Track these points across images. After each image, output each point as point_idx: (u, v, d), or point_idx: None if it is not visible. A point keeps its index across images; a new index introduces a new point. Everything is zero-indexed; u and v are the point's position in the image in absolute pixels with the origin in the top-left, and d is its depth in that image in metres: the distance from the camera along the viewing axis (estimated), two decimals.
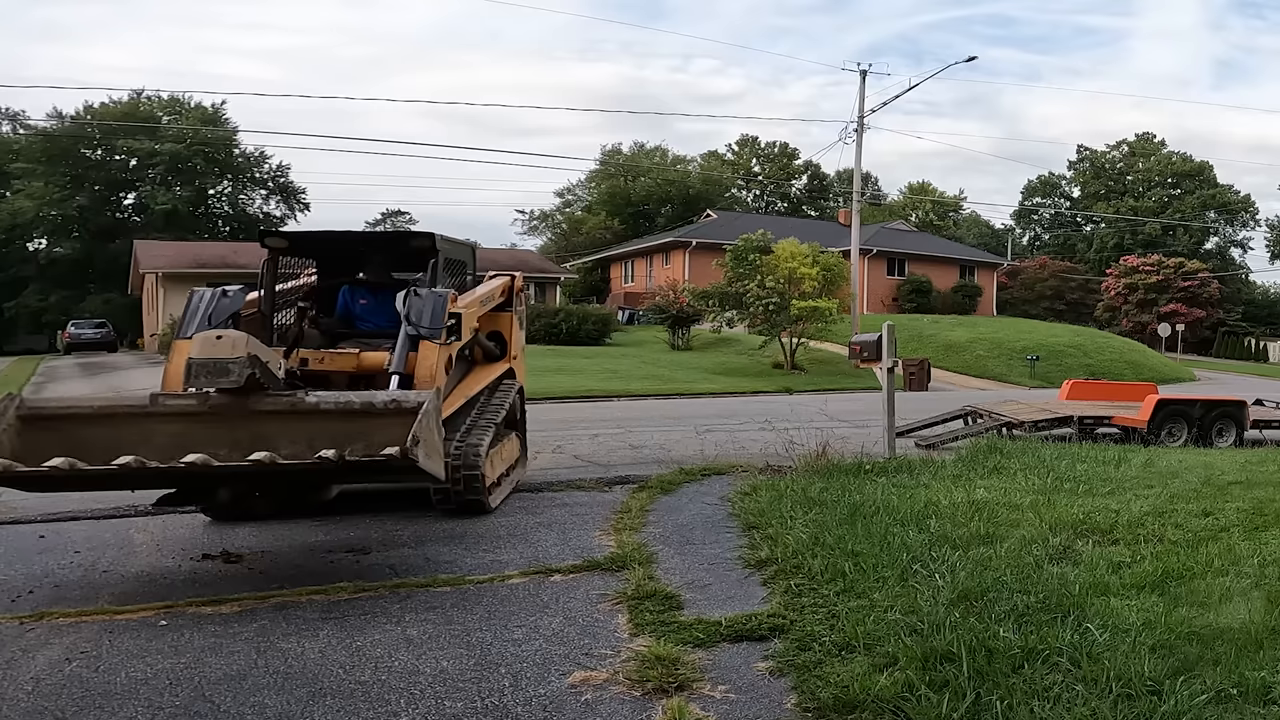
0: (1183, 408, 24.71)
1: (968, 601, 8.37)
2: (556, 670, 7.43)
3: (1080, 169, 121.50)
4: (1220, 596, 8.80)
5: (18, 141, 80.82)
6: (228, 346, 9.68)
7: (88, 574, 10.12)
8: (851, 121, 54.39)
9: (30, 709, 6.62)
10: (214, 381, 9.67)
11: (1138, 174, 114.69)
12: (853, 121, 54.32)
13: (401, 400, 10.07)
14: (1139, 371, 53.04)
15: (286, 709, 6.66)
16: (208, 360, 9.62)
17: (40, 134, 79.24)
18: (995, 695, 6.41)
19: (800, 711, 6.63)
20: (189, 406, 9.94)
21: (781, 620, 8.35)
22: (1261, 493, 14.26)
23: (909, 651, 7.16)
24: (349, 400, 10.27)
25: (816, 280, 48.62)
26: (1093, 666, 6.89)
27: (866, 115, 54.32)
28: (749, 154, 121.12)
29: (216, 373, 9.63)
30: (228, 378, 9.61)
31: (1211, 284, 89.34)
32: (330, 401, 10.20)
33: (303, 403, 10.14)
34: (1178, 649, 7.32)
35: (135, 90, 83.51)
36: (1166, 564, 9.74)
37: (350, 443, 9.54)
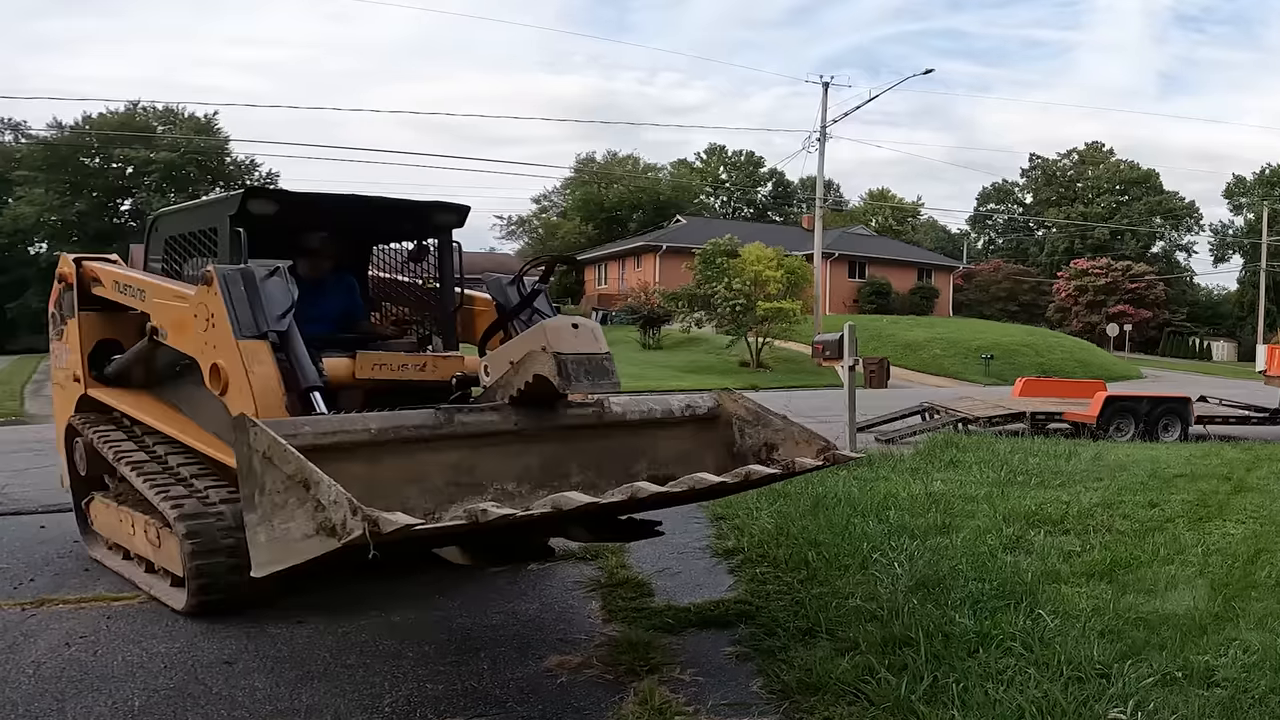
0: (1130, 404, 24.85)
1: (925, 589, 8.41)
2: (533, 654, 7.43)
3: (1032, 176, 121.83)
4: (1166, 584, 8.87)
5: (19, 150, 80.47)
6: (590, 339, 7.55)
7: (86, 563, 10.02)
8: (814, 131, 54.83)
9: (31, 691, 6.61)
10: (595, 385, 7.48)
11: (1087, 181, 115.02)
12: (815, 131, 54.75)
13: (695, 407, 8.51)
14: (1088, 370, 53.33)
15: (275, 691, 6.66)
16: (583, 357, 7.38)
17: (41, 143, 79.01)
18: (951, 678, 6.42)
19: (765, 694, 6.64)
20: (491, 425, 7.46)
21: (748, 607, 8.38)
22: (1205, 485, 14.36)
23: (869, 636, 7.20)
24: (650, 409, 8.37)
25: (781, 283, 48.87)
26: (1044, 651, 6.92)
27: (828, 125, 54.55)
28: (716, 162, 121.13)
29: (596, 373, 7.43)
30: (608, 379, 7.53)
31: (1158, 286, 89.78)
32: (635, 411, 8.20)
33: (609, 413, 7.99)
34: (1125, 634, 7.37)
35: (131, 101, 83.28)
36: (1115, 553, 9.80)
37: (639, 458, 8.17)
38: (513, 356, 7.65)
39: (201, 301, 7.70)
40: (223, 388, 7.46)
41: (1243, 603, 8.34)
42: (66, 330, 10.19)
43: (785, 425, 8.18)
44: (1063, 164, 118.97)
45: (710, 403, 8.61)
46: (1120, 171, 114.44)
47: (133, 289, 9.17)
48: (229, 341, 7.42)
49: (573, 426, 7.83)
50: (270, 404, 7.14)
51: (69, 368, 10.19)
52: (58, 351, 10.57)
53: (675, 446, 8.40)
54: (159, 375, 9.67)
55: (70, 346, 10.12)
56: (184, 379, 9.07)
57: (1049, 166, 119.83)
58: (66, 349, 10.25)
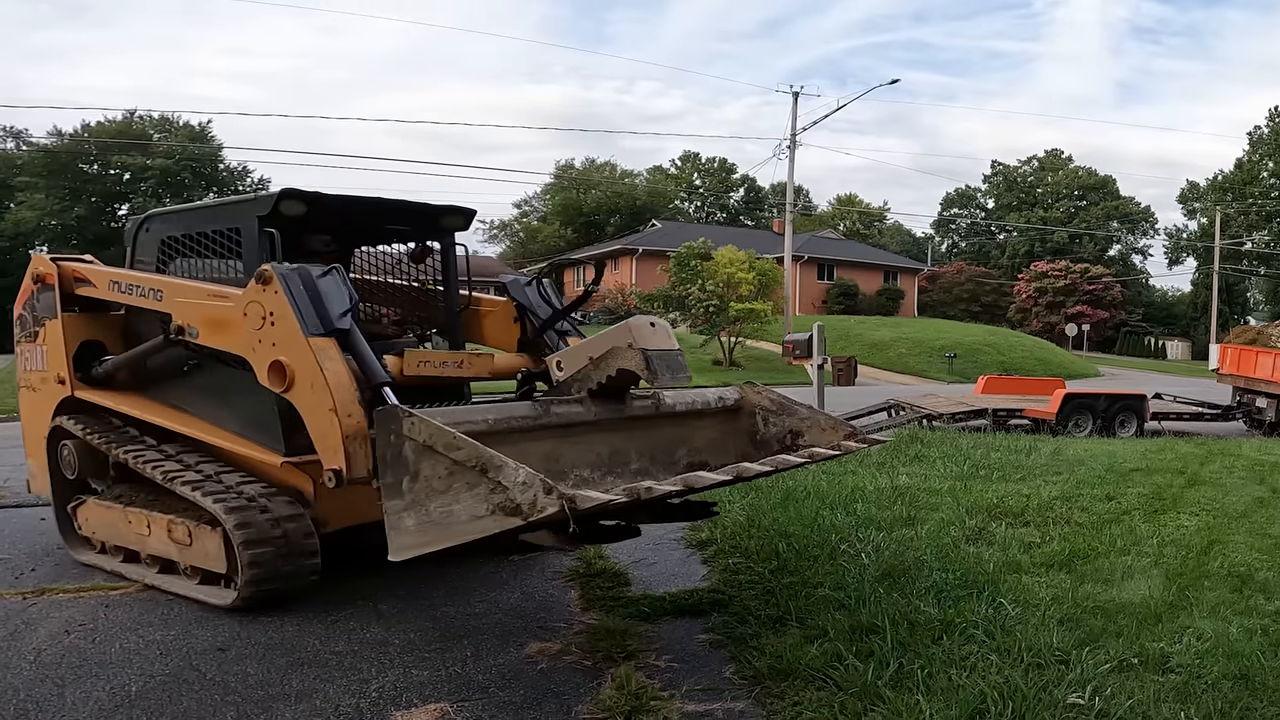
0: (1088, 401, 24.98)
1: (891, 579, 8.41)
2: (514, 641, 7.47)
3: (994, 182, 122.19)
4: (1122, 574, 8.90)
5: (21, 157, 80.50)
6: (666, 336, 7.76)
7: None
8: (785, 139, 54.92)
9: (32, 677, 6.69)
10: (675, 378, 7.65)
11: (1047, 187, 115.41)
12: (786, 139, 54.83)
13: (725, 399, 8.75)
14: (1048, 368, 53.53)
15: (267, 676, 6.71)
16: (664, 353, 7.61)
17: (41, 150, 79.26)
18: (916, 664, 6.44)
19: (738, 680, 6.65)
20: (577, 416, 7.63)
21: (720, 596, 8.39)
22: (1160, 479, 14.41)
23: (837, 624, 7.20)
24: (693, 401, 8.52)
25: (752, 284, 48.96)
26: (1006, 638, 6.94)
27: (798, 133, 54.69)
28: (690, 169, 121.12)
29: (675, 367, 7.64)
30: (684, 372, 7.75)
31: (1115, 288, 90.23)
32: (682, 403, 8.40)
33: (663, 405, 8.23)
34: (1083, 622, 7.40)
35: (128, 110, 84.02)
36: (1073, 544, 9.83)
37: (681, 446, 8.39)
38: (592, 353, 7.77)
39: (255, 300, 7.47)
40: (287, 385, 7.29)
41: (1196, 592, 8.38)
42: (44, 332, 9.71)
43: (811, 414, 8.44)
44: (1023, 170, 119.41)
45: (735, 395, 8.81)
46: (1078, 177, 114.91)
47: (141, 289, 8.76)
48: (297, 340, 7.27)
49: (635, 417, 7.99)
50: (346, 399, 7.07)
51: (49, 369, 9.70)
52: (28, 354, 10.06)
53: (707, 435, 8.61)
54: (155, 375, 9.36)
55: (49, 348, 9.67)
56: (191, 378, 8.90)
57: (1010, 173, 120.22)
58: (43, 350, 9.78)
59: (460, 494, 5.78)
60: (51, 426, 9.66)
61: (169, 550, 8.55)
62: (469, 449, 5.76)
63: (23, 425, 10.46)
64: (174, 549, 8.49)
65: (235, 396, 8.42)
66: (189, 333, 8.08)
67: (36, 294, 9.80)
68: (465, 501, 5.75)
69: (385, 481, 6.11)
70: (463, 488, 5.78)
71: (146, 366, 9.33)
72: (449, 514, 5.84)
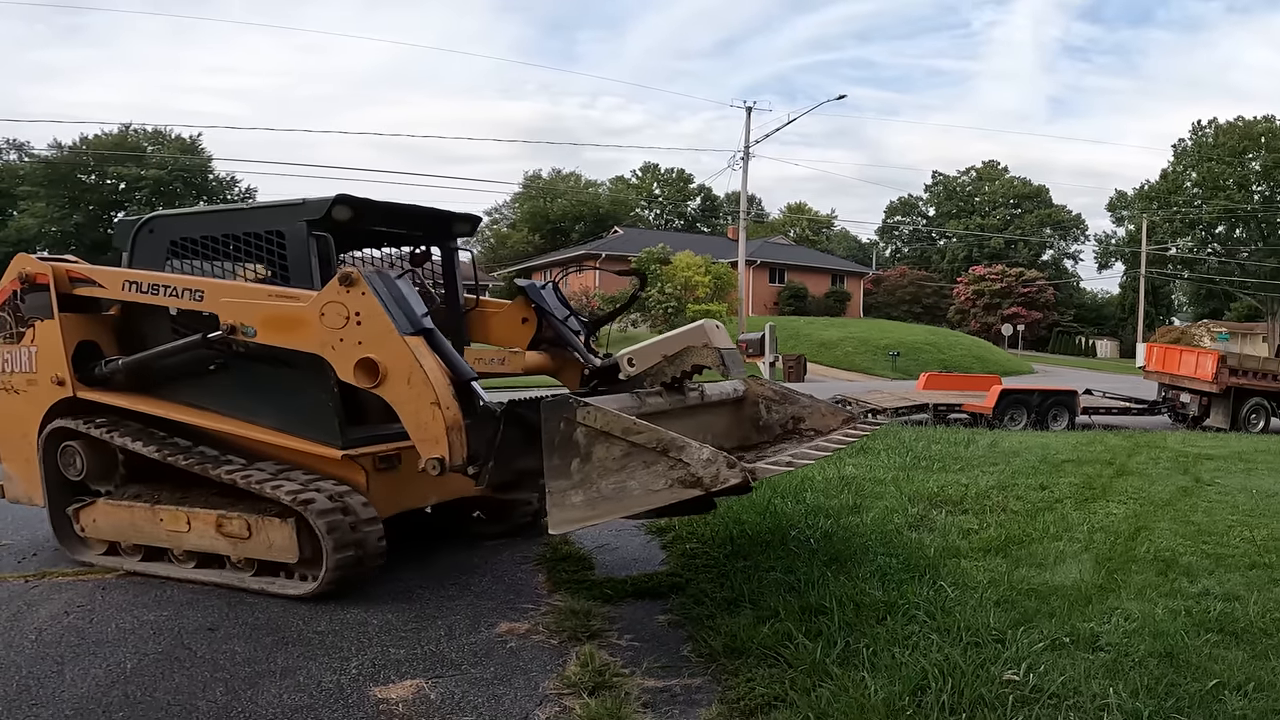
0: (1023, 397, 25.12)
1: (838, 563, 8.44)
2: (485, 622, 7.51)
3: (935, 191, 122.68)
4: (1055, 559, 8.95)
5: (23, 168, 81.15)
6: (725, 336, 8.25)
7: None
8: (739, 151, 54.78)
9: (34, 655, 6.75)
10: (738, 372, 8.38)
11: (984, 195, 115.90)
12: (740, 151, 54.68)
13: (737, 390, 9.08)
14: (985, 365, 53.68)
15: (254, 654, 6.75)
16: (729, 351, 8.15)
17: (42, 162, 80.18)
18: (862, 643, 6.46)
19: (695, 657, 6.69)
20: (661, 406, 8.00)
21: (678, 579, 8.41)
22: (1090, 469, 14.51)
23: (788, 606, 7.23)
24: (719, 392, 8.81)
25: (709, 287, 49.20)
26: (946, 618, 6.98)
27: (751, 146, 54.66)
28: (650, 179, 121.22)
29: (736, 363, 8.29)
30: (740, 368, 8.44)
31: (1048, 290, 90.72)
32: (714, 395, 8.72)
33: (706, 396, 8.62)
34: (1018, 604, 7.44)
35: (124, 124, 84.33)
36: (1009, 531, 9.88)
37: (707, 431, 8.54)
38: (666, 351, 8.05)
39: (336, 301, 7.46)
40: (378, 381, 7.36)
41: (1124, 575, 8.44)
42: (35, 332, 9.02)
43: (812, 402, 8.84)
44: (962, 180, 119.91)
45: (743, 387, 9.03)
46: (1014, 187, 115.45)
47: (171, 289, 8.32)
48: (390, 339, 7.35)
49: (689, 406, 8.34)
50: (445, 393, 7.23)
51: (39, 370, 9.04)
52: (7, 355, 9.28)
53: (724, 421, 8.94)
54: (169, 374, 8.84)
55: (41, 348, 9.00)
56: (216, 376, 8.59)
57: (949, 183, 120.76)
58: (30, 351, 9.09)
59: (636, 471, 6.34)
60: (50, 428, 9.04)
61: (217, 545, 8.32)
62: (649, 433, 6.35)
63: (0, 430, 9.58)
64: (224, 543, 8.28)
65: (277, 394, 8.31)
66: (244, 331, 7.87)
67: (20, 294, 9.14)
68: (640, 477, 6.32)
69: (551, 464, 6.52)
70: (638, 466, 6.34)
71: (158, 366, 8.89)
72: (622, 489, 6.37)
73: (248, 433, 8.40)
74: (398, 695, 6.12)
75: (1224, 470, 15.21)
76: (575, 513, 6.47)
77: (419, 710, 5.92)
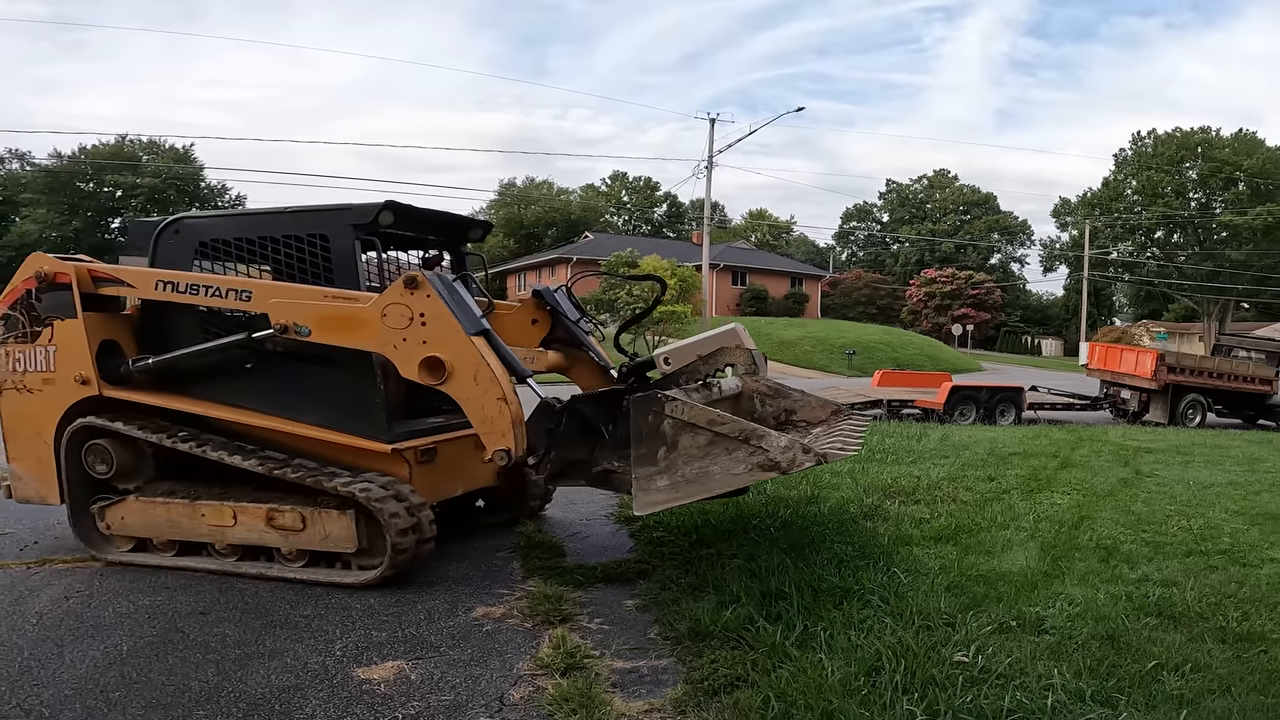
0: (972, 393, 25.24)
1: (797, 550, 8.44)
2: (463, 606, 7.55)
3: (888, 198, 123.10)
4: (1002, 546, 8.99)
5: (25, 177, 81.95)
6: (751, 338, 8.80)
7: None
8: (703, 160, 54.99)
9: (35, 637, 6.80)
10: (764, 370, 9.01)
11: (935, 203, 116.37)
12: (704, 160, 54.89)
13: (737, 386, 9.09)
14: (936, 363, 53.95)
15: (244, 637, 6.81)
16: (757, 352, 8.79)
17: (43, 171, 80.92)
18: (820, 626, 6.49)
19: (661, 640, 6.75)
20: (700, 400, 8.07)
21: (646, 566, 8.48)
22: (1036, 462, 14.59)
23: (750, 591, 7.24)
24: (728, 387, 8.87)
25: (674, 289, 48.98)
26: (899, 603, 7.00)
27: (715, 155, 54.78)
28: (619, 186, 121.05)
29: (762, 363, 8.96)
30: (765, 368, 9.09)
31: (995, 292, 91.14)
32: (728, 390, 8.83)
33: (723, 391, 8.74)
34: (968, 589, 7.47)
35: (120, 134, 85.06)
36: (959, 520, 9.93)
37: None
38: (701, 352, 8.48)
39: (399, 303, 7.54)
40: (444, 378, 7.48)
41: (1068, 562, 8.49)
42: (52, 332, 8.63)
43: (803, 396, 9.03)
44: (914, 188, 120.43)
45: (739, 383, 9.04)
46: (963, 194, 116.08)
47: (214, 289, 8.15)
48: (457, 338, 7.49)
49: (714, 400, 8.33)
50: (509, 389, 7.45)
51: (59, 369, 8.65)
52: (20, 354, 8.83)
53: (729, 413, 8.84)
54: (199, 373, 8.63)
55: (62, 348, 8.62)
56: (253, 375, 8.46)
57: (903, 190, 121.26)
58: (49, 350, 8.69)
59: (718, 458, 6.87)
60: (75, 426, 8.67)
61: (266, 538, 8.23)
62: (733, 424, 6.90)
63: (7, 429, 9.12)
64: (275, 536, 8.19)
65: (322, 391, 8.25)
66: (297, 331, 7.81)
67: (36, 293, 8.72)
68: (722, 463, 6.85)
69: (639, 452, 6.96)
70: (721, 453, 6.87)
71: (191, 364, 8.62)
72: (705, 473, 6.87)
73: (290, 429, 8.31)
74: (380, 676, 6.15)
75: (1162, 463, 15.33)
76: (660, 495, 6.87)
77: (400, 690, 5.94)
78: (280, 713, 5.61)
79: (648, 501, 6.91)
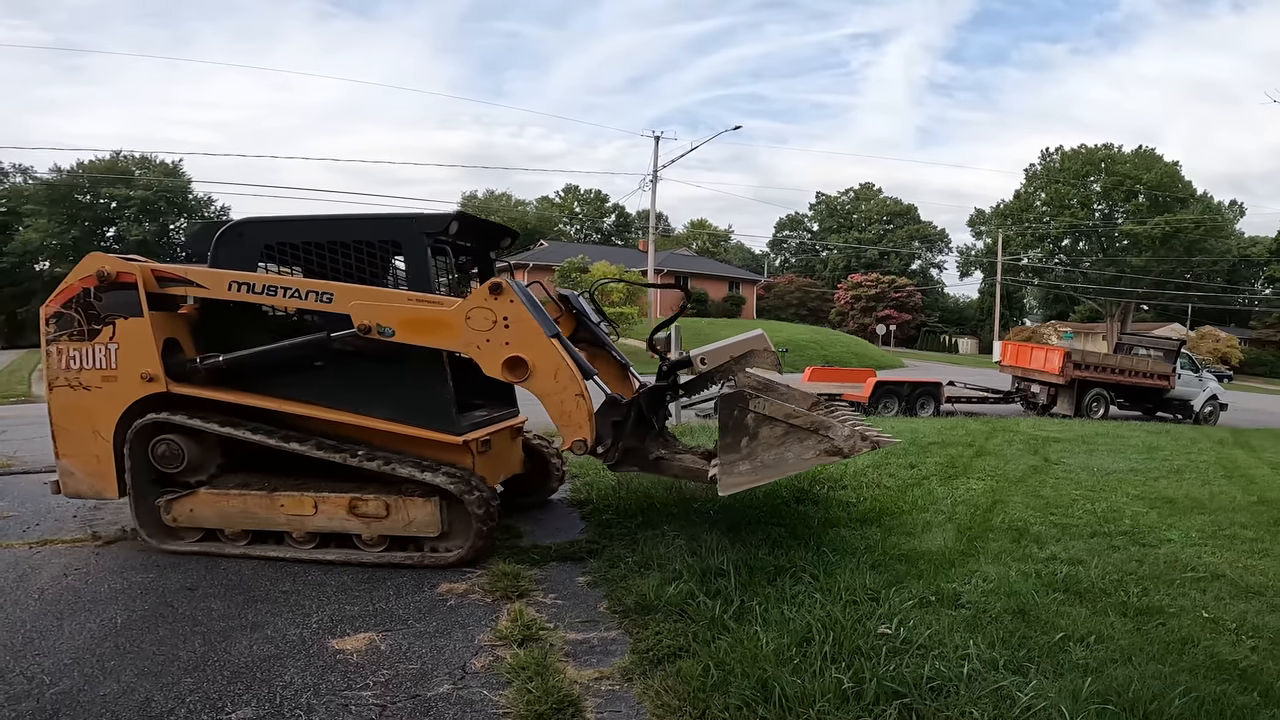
0: (895, 387, 25.39)
1: (735, 531, 8.49)
2: (428, 583, 7.59)
3: (818, 209, 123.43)
4: (922, 528, 9.08)
5: (27, 189, 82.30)
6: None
7: (81, 511, 10.12)
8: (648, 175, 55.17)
9: (37, 611, 6.92)
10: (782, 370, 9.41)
11: (861, 213, 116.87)
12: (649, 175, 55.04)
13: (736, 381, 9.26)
14: (862, 360, 54.20)
15: (228, 610, 6.90)
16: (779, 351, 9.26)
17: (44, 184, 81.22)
18: (755, 601, 6.54)
19: (610, 613, 6.80)
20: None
21: (596, 546, 8.49)
22: (953, 451, 14.72)
23: (691, 569, 7.29)
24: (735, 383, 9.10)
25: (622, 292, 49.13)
26: (828, 580, 7.06)
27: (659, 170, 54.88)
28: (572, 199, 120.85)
29: (779, 364, 9.39)
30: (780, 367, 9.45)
31: (916, 295, 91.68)
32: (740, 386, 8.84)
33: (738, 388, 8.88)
34: (891, 567, 7.54)
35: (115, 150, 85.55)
36: (882, 504, 10.01)
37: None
38: (733, 354, 9.14)
39: (483, 307, 7.75)
40: (527, 375, 7.78)
41: (982, 542, 8.59)
42: (114, 330, 8.25)
43: (788, 390, 8.99)
44: (842, 200, 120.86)
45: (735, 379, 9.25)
46: (887, 205, 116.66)
47: (295, 291, 7.95)
48: (539, 340, 7.79)
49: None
50: (584, 385, 7.86)
51: (122, 367, 8.28)
52: (76, 352, 8.38)
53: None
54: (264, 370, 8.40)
55: (125, 345, 8.25)
56: (321, 373, 8.31)
57: (831, 202, 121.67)
58: (110, 348, 8.29)
59: (791, 445, 7.56)
60: (143, 422, 8.31)
61: (348, 525, 8.16)
62: (805, 417, 7.60)
63: (58, 425, 8.53)
64: (357, 523, 8.15)
65: (393, 388, 8.22)
66: (381, 331, 7.81)
67: (95, 292, 8.32)
68: (794, 450, 7.53)
69: (725, 442, 7.65)
70: (793, 441, 7.56)
71: (258, 362, 8.38)
72: (780, 459, 7.53)
73: (358, 422, 8.26)
74: (352, 646, 6.21)
75: (1069, 451, 15.53)
76: (741, 478, 7.41)
77: (371, 659, 6.00)
78: (261, 680, 5.65)
79: (731, 483, 7.36)
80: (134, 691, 5.49)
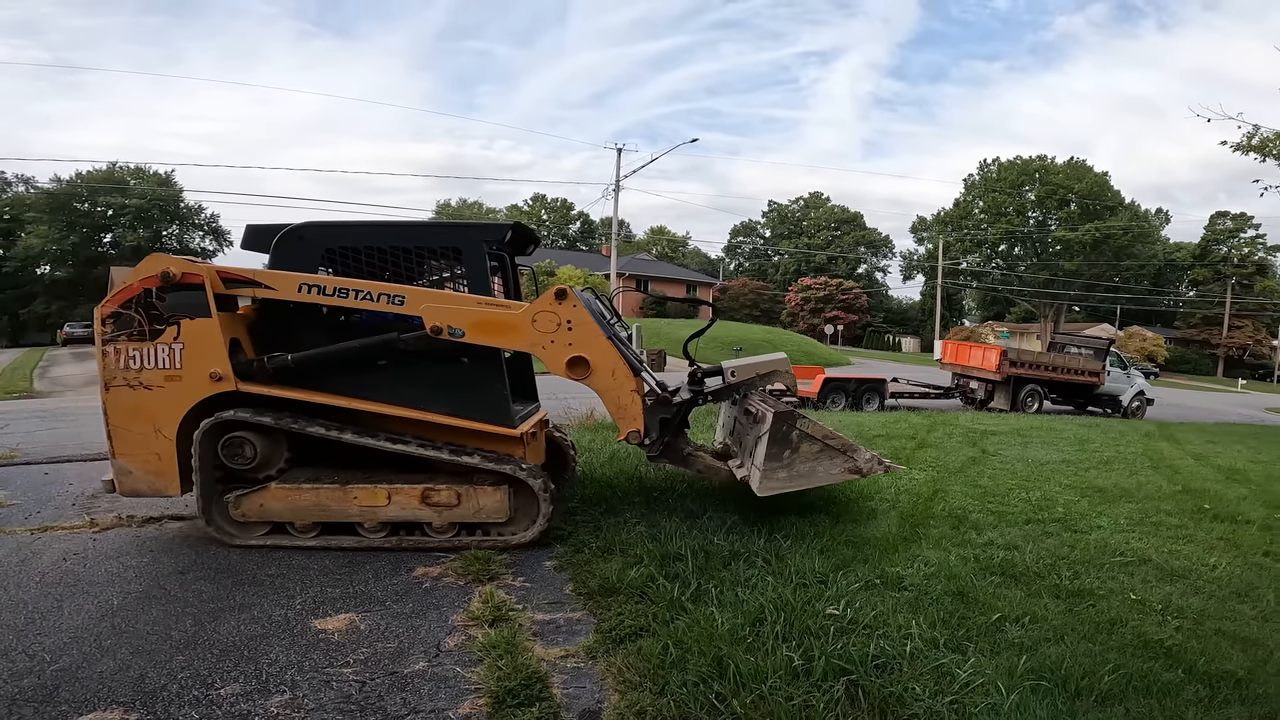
0: (842, 383, 25.46)
1: (693, 518, 8.50)
2: (405, 567, 7.62)
3: (770, 217, 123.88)
4: (868, 515, 9.11)
5: (29, 198, 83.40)
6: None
7: (80, 499, 10.10)
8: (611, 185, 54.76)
9: (38, 594, 6.94)
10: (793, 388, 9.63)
11: (811, 220, 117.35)
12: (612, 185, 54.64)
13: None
14: (811, 358, 54.35)
15: (217, 593, 6.93)
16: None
17: (45, 193, 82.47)
18: (711, 584, 6.57)
19: (575, 595, 6.83)
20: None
21: (562, 532, 8.44)
22: (897, 442, 14.79)
23: (652, 554, 7.32)
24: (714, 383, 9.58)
25: None
26: (780, 564, 7.10)
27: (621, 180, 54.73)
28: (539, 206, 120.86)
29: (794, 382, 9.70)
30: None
31: (862, 297, 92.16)
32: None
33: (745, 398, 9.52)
34: (839, 552, 7.57)
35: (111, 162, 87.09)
36: (830, 492, 9.99)
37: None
38: (760, 370, 9.43)
39: (548, 311, 8.02)
40: (587, 374, 8.11)
41: (924, 529, 8.65)
42: (178, 330, 7.90)
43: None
44: (792, 208, 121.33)
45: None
46: (835, 213, 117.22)
47: (366, 294, 7.79)
48: (600, 341, 8.13)
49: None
50: (637, 383, 8.35)
51: (187, 367, 7.92)
52: (135, 352, 7.97)
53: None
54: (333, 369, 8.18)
55: (190, 345, 7.91)
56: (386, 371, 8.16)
57: (783, 210, 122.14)
58: (175, 348, 7.92)
59: (823, 460, 8.22)
60: (213, 420, 8.01)
61: (420, 514, 8.13)
62: (839, 439, 8.26)
63: (114, 425, 8.07)
64: (429, 512, 8.11)
65: (454, 386, 8.18)
66: (452, 333, 7.82)
67: (156, 292, 7.97)
68: (824, 465, 8.23)
69: (771, 451, 7.96)
70: (825, 457, 8.22)
71: (323, 361, 8.16)
72: (812, 471, 8.19)
73: (421, 417, 8.17)
74: (334, 626, 6.25)
75: (1005, 443, 15.64)
76: (779, 484, 7.98)
77: (351, 638, 6.04)
78: (248, 658, 5.69)
79: (769, 486, 7.93)
80: (129, 668, 5.52)
